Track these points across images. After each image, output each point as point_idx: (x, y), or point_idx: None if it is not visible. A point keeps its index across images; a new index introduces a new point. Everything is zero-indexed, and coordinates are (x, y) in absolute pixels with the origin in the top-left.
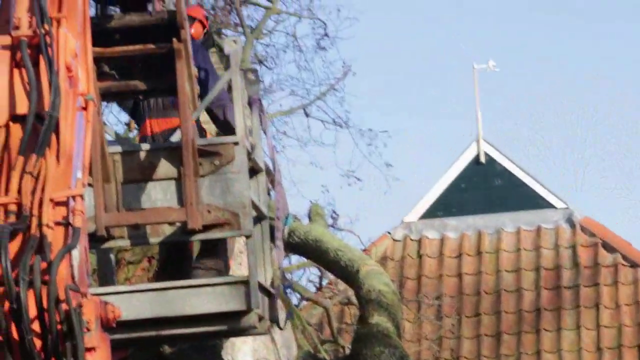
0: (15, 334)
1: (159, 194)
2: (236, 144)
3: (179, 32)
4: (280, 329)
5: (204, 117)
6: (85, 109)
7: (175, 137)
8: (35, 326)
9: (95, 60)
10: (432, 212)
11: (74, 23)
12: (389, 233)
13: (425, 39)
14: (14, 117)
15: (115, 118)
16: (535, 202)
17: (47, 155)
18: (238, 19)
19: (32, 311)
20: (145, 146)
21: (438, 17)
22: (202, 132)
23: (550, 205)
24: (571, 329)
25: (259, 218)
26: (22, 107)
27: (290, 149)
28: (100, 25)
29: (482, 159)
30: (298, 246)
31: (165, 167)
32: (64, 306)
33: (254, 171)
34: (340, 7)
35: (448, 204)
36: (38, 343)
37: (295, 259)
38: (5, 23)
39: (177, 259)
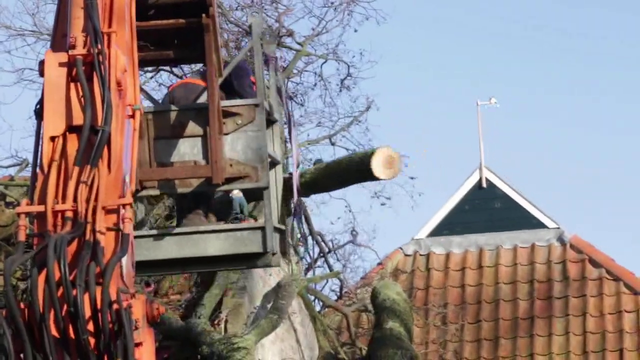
0: (71, 333)
1: (187, 149)
2: (257, 105)
3: (208, 9)
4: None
5: None
6: (132, 117)
7: (202, 99)
8: (90, 326)
9: None
10: (439, 231)
11: (123, 34)
12: (401, 249)
13: (436, 77)
14: (70, 128)
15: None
16: (530, 222)
17: (100, 165)
18: None
19: (87, 312)
20: (175, 107)
21: (448, 58)
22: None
23: (543, 226)
24: (561, 335)
25: (273, 163)
26: (78, 119)
27: None
28: (138, 3)
29: (484, 184)
30: None
31: (192, 126)
32: (115, 306)
33: (270, 122)
34: (363, 51)
35: (453, 224)
36: (92, 341)
37: (318, 270)
38: (62, 37)
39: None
